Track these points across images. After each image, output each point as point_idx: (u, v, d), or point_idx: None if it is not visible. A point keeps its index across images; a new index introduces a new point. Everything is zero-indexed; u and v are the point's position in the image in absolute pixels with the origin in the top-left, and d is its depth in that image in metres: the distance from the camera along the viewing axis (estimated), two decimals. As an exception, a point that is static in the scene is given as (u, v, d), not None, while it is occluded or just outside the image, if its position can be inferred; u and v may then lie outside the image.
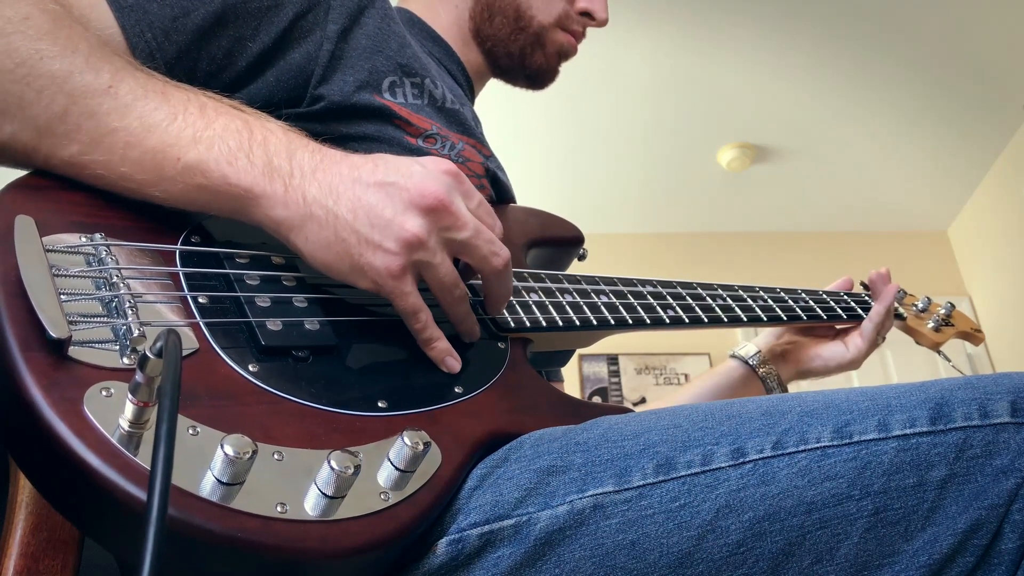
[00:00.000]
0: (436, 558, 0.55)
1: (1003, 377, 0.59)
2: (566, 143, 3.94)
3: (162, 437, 0.38)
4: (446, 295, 0.65)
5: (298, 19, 0.77)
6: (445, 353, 0.66)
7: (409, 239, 0.60)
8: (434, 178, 0.62)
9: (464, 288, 0.66)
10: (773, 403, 0.61)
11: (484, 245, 0.65)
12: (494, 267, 0.66)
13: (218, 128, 0.60)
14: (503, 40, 1.05)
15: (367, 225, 0.59)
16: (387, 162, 0.63)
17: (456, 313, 0.68)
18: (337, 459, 0.48)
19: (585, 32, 1.10)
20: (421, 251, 0.61)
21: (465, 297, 0.67)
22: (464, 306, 0.68)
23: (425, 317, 0.64)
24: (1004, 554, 0.53)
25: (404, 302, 0.62)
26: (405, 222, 0.60)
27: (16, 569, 0.51)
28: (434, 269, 0.63)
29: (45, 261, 0.51)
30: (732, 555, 0.54)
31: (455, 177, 0.64)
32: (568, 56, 1.09)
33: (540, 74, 1.08)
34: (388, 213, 0.60)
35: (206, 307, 0.58)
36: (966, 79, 3.58)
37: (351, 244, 0.59)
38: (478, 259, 0.65)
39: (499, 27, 1.04)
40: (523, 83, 1.11)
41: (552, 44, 1.06)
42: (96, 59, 0.59)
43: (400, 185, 0.61)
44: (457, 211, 0.62)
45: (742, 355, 1.11)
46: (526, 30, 1.04)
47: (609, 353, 4.16)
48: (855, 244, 4.50)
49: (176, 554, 0.45)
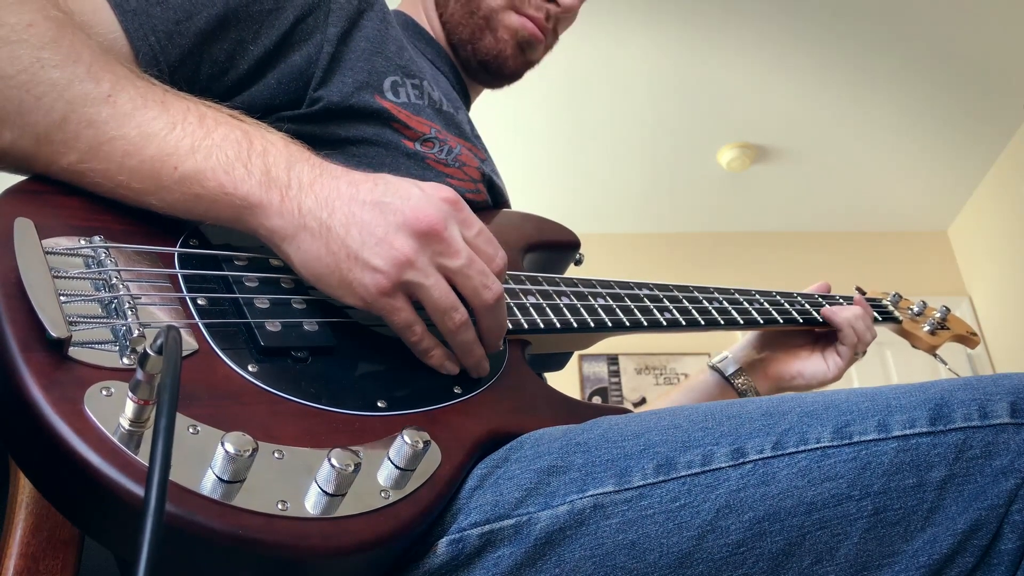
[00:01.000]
0: (436, 557, 0.56)
1: (1003, 378, 0.59)
2: (566, 143, 3.94)
3: (161, 430, 0.38)
4: (445, 320, 0.63)
5: (299, 22, 0.77)
6: (443, 359, 0.65)
7: (398, 258, 0.59)
8: (431, 203, 0.61)
9: (465, 313, 0.63)
10: (773, 403, 0.61)
11: (476, 276, 0.63)
12: (484, 300, 0.64)
13: (217, 138, 0.60)
14: (457, 26, 1.02)
15: (358, 241, 0.59)
16: (387, 182, 0.62)
17: (459, 342, 0.65)
18: (338, 457, 0.49)
19: (549, 18, 1.02)
20: (411, 271, 0.60)
21: (467, 324, 0.64)
22: (467, 334, 0.65)
23: (420, 329, 0.63)
24: (1004, 554, 0.53)
25: (396, 317, 0.61)
26: (395, 241, 0.59)
27: (16, 569, 0.51)
28: (427, 290, 0.61)
29: (45, 263, 0.52)
30: (732, 555, 0.54)
31: (453, 204, 0.63)
32: (528, 43, 1.01)
33: (493, 62, 1.01)
34: (379, 232, 0.59)
35: (205, 309, 0.58)
36: (966, 79, 3.58)
37: (340, 259, 0.59)
38: (469, 290, 0.63)
39: (453, 12, 1.02)
40: (484, 77, 1.05)
41: (504, 28, 1.00)
42: (98, 68, 0.59)
43: (396, 206, 0.61)
44: (450, 238, 0.62)
45: (720, 367, 1.10)
46: (476, 13, 1.00)
47: (609, 353, 4.16)
48: (855, 244, 4.50)
49: (177, 552, 0.46)
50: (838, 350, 1.08)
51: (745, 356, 1.11)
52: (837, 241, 4.52)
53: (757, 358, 1.11)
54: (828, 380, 1.09)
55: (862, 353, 1.10)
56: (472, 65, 1.04)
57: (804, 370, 1.09)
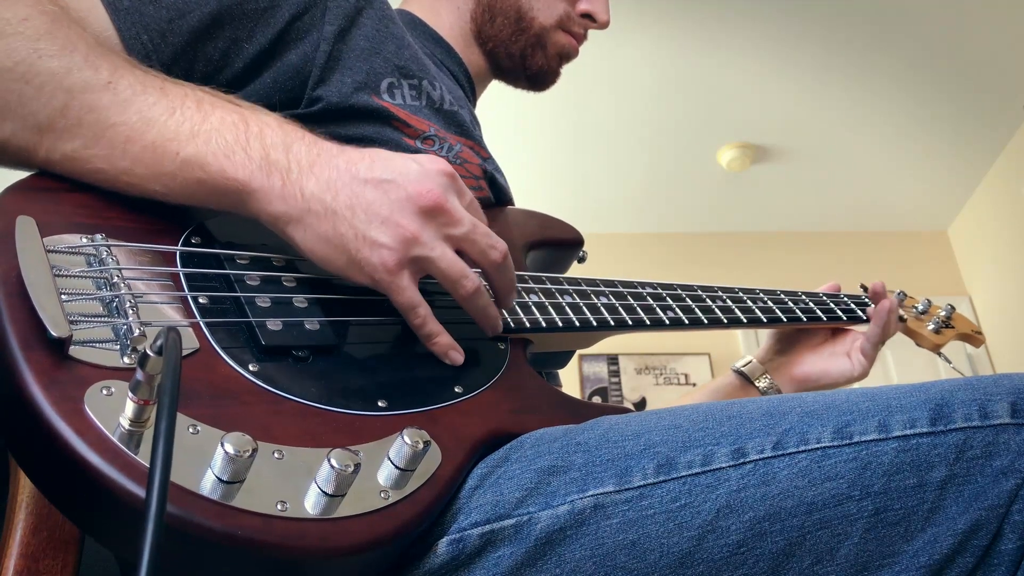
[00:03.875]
0: (437, 557, 0.56)
1: (1003, 378, 0.59)
2: (567, 143, 3.94)
3: (161, 433, 0.38)
4: (457, 288, 0.64)
5: (294, 20, 0.77)
6: (448, 347, 0.66)
7: (405, 235, 0.60)
8: (431, 177, 0.63)
9: (476, 279, 0.65)
10: (774, 403, 0.61)
11: (481, 239, 0.65)
12: (493, 260, 0.66)
13: (215, 122, 0.60)
14: (504, 41, 1.05)
15: (364, 221, 0.60)
16: (384, 159, 0.63)
17: (473, 307, 0.67)
18: (337, 457, 0.49)
19: (586, 34, 1.10)
20: (417, 247, 0.61)
21: (479, 289, 0.66)
22: (481, 299, 0.67)
23: (424, 312, 0.64)
24: (1004, 555, 0.53)
25: (401, 297, 0.62)
26: (401, 219, 0.61)
27: (16, 569, 0.51)
28: (435, 262, 0.63)
29: (46, 261, 0.52)
30: (732, 555, 0.54)
31: (450, 176, 0.65)
32: (569, 58, 1.09)
33: (541, 75, 1.09)
34: (385, 211, 0.60)
35: (206, 307, 0.58)
36: (966, 79, 3.58)
37: (348, 239, 0.60)
38: (476, 253, 0.65)
39: (500, 28, 1.04)
40: (524, 84, 1.11)
41: (553, 45, 1.06)
42: (95, 57, 0.60)
43: (398, 183, 0.61)
44: (452, 208, 0.63)
45: (743, 369, 1.10)
46: (527, 31, 1.04)
47: (609, 353, 4.16)
48: (855, 244, 4.50)
49: (177, 552, 0.45)
50: (863, 348, 1.08)
51: (768, 358, 1.12)
52: (837, 241, 4.52)
53: (781, 360, 1.11)
54: (855, 378, 1.08)
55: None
56: (518, 76, 1.09)
57: (830, 368, 1.09)
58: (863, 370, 1.08)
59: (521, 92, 1.15)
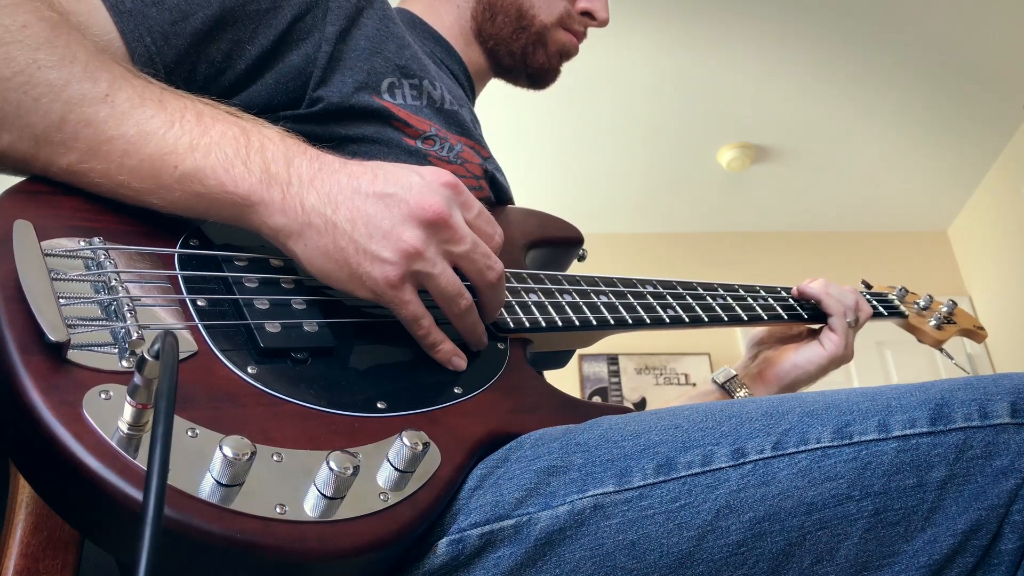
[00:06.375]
0: (436, 558, 0.55)
1: (1003, 378, 0.59)
2: (566, 143, 3.94)
3: (158, 437, 0.38)
4: (451, 305, 0.65)
5: (296, 21, 0.77)
6: (451, 354, 0.66)
7: (407, 250, 0.60)
8: (433, 190, 0.62)
9: (469, 298, 0.66)
10: (774, 403, 0.61)
11: (480, 259, 0.65)
12: (488, 280, 0.66)
13: (215, 135, 0.60)
14: (505, 39, 1.05)
15: (365, 236, 0.60)
16: (386, 172, 0.63)
17: (463, 324, 0.67)
18: (336, 460, 0.48)
19: (586, 32, 1.10)
20: (419, 262, 0.61)
21: (471, 308, 0.66)
22: (471, 317, 0.67)
23: (427, 323, 0.64)
24: (1004, 555, 0.53)
25: (405, 310, 0.62)
26: (403, 233, 0.60)
27: (16, 569, 0.51)
28: (435, 279, 0.62)
29: (44, 265, 0.51)
30: (732, 555, 0.54)
31: (454, 189, 0.64)
32: (569, 56, 1.10)
33: (542, 73, 1.09)
34: (386, 224, 0.60)
35: (205, 310, 0.58)
36: (966, 79, 3.58)
37: (349, 253, 0.59)
38: (473, 272, 0.65)
39: (501, 26, 1.05)
40: (524, 83, 1.12)
41: (554, 43, 1.07)
42: (94, 67, 0.59)
43: (399, 197, 0.61)
44: (455, 224, 0.63)
45: (720, 381, 1.08)
46: (528, 29, 1.05)
47: (609, 353, 4.16)
48: (855, 244, 4.50)
49: (176, 556, 0.45)
50: (830, 325, 1.05)
51: (743, 366, 1.10)
52: (837, 241, 4.52)
53: (754, 366, 1.10)
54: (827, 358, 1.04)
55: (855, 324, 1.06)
56: (519, 74, 1.09)
57: (798, 359, 1.05)
58: (834, 347, 1.03)
59: (521, 91, 1.15)
